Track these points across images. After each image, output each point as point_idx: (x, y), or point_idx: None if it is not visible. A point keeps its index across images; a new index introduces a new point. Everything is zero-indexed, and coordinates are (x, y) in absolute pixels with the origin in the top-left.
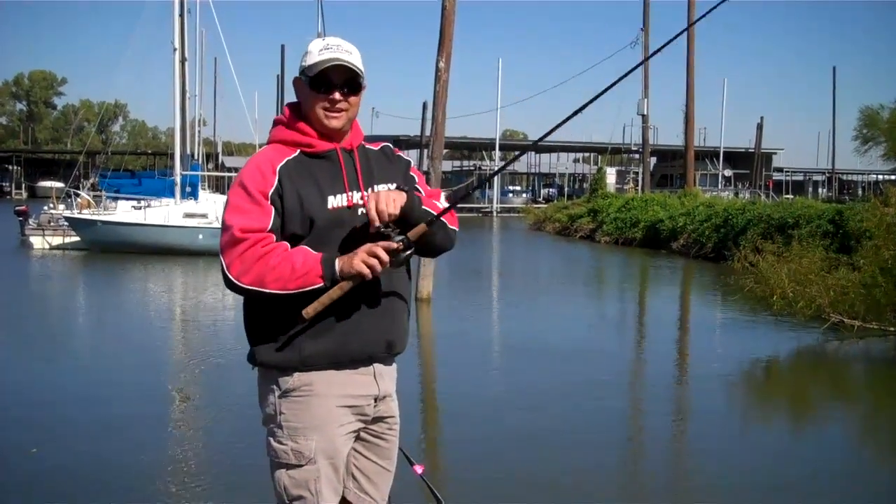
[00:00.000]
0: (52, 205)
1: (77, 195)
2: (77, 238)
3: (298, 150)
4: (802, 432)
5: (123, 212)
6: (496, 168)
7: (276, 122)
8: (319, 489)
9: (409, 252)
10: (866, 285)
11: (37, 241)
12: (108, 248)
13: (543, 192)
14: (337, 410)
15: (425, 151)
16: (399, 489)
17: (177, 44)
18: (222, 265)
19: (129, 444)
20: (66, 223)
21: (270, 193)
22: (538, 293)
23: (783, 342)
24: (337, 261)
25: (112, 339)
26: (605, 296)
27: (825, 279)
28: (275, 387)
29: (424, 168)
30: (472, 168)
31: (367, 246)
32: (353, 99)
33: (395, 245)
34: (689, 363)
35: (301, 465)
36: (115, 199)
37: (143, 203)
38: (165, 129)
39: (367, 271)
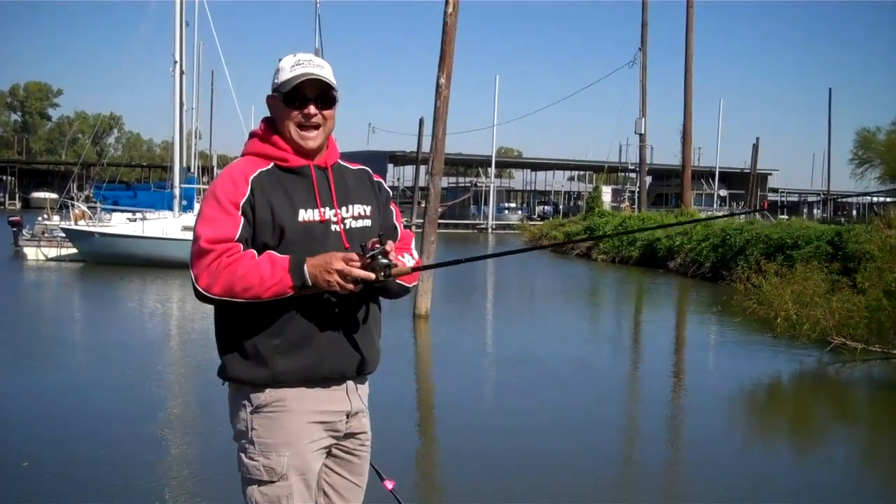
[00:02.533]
0: (46, 216)
1: (73, 206)
2: (73, 249)
3: (272, 164)
4: (804, 454)
5: (120, 224)
6: (491, 185)
7: (251, 135)
8: None
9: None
10: (871, 308)
11: (31, 252)
12: (104, 261)
13: (538, 209)
14: (308, 426)
15: (422, 167)
16: None
17: (177, 56)
18: (192, 277)
19: (124, 457)
20: (61, 234)
21: (242, 203)
22: (535, 310)
23: (784, 364)
24: (307, 266)
25: (109, 351)
26: (602, 314)
27: (829, 301)
28: (246, 402)
29: (423, 184)
30: (468, 185)
31: (346, 267)
32: (327, 112)
33: (372, 277)
34: (688, 382)
35: (273, 482)
36: (111, 210)
37: (138, 215)
38: (160, 141)
39: (337, 290)
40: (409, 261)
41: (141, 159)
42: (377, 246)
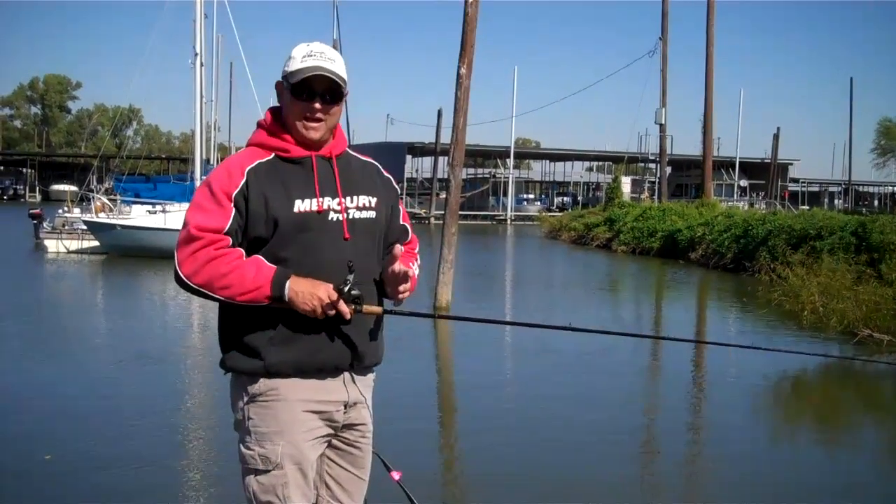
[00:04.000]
0: (66, 208)
1: (94, 198)
2: (94, 242)
3: (273, 154)
4: (831, 448)
5: (140, 216)
6: (510, 176)
7: (258, 125)
8: (288, 495)
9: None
10: None
11: (51, 245)
12: (126, 253)
13: (557, 200)
14: (303, 415)
15: (441, 158)
16: (377, 495)
17: (198, 48)
18: (175, 261)
19: (139, 448)
20: (82, 227)
21: (234, 194)
22: (555, 301)
23: (811, 357)
24: (290, 283)
25: (131, 343)
26: (623, 305)
27: (857, 294)
28: (243, 392)
29: (441, 175)
30: (486, 175)
31: (328, 300)
32: (334, 109)
33: (348, 312)
34: (710, 375)
35: (269, 471)
36: (131, 203)
37: (158, 207)
38: (179, 133)
39: (312, 315)
40: (415, 270)
41: (160, 152)
42: (350, 279)
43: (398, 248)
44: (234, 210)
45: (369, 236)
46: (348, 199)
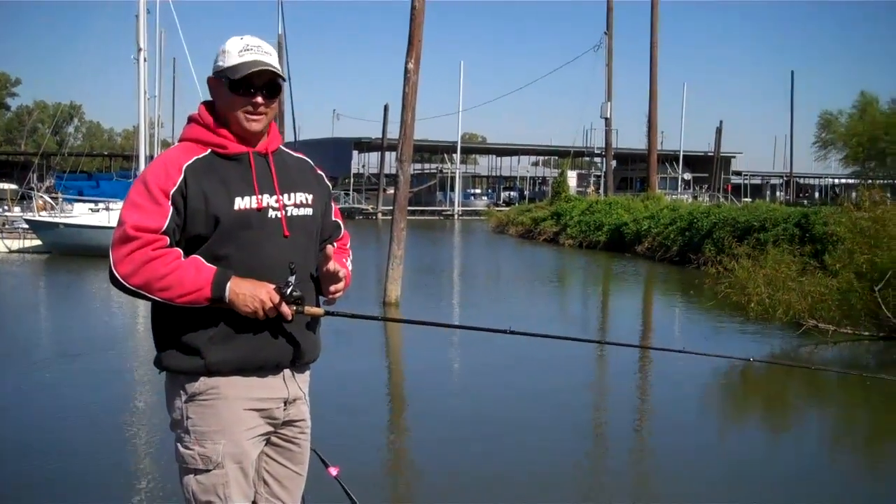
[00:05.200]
0: (7, 207)
1: (35, 197)
2: (36, 241)
3: (209, 150)
4: (777, 437)
5: (83, 214)
6: (457, 171)
7: (189, 120)
8: (228, 494)
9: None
10: (843, 290)
11: None
12: (70, 252)
13: (504, 195)
14: (244, 413)
15: (388, 154)
16: (315, 491)
17: (142, 43)
18: (110, 261)
19: (82, 452)
20: (23, 226)
21: (172, 192)
22: (504, 296)
23: (757, 347)
24: (230, 284)
25: (76, 345)
26: (571, 298)
27: (802, 285)
28: (181, 391)
29: (388, 170)
30: (434, 171)
31: (270, 302)
32: (273, 103)
33: (290, 314)
34: (659, 367)
35: (209, 470)
36: (72, 201)
37: (100, 205)
38: (121, 130)
39: (253, 316)
40: (349, 266)
41: (102, 149)
42: (291, 280)
43: (329, 248)
44: (171, 209)
45: (307, 233)
46: (286, 196)
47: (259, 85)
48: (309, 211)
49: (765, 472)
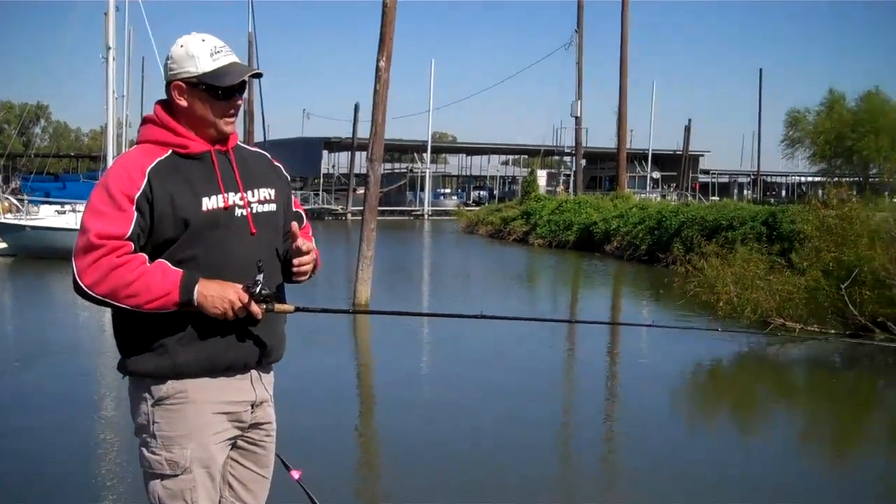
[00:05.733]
0: None
1: (2, 199)
2: (1, 244)
3: (170, 151)
4: (745, 435)
5: (49, 216)
6: (427, 170)
7: (146, 121)
8: (196, 499)
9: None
10: (810, 289)
11: None
12: (36, 254)
13: (473, 194)
14: (212, 417)
15: (357, 153)
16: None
17: (111, 42)
18: (74, 271)
19: (44, 455)
20: None
21: (137, 197)
22: (474, 296)
23: (725, 346)
24: (198, 287)
25: (43, 348)
26: (541, 298)
27: (770, 284)
28: (147, 395)
29: (358, 170)
30: (403, 170)
31: (241, 301)
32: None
33: (259, 312)
34: (627, 366)
35: (176, 475)
36: (38, 202)
37: (67, 207)
38: (88, 130)
39: (222, 318)
40: (313, 245)
41: (69, 149)
42: (259, 279)
43: (294, 225)
44: (136, 214)
45: (273, 229)
46: (249, 192)
47: (237, 88)
48: (273, 207)
49: (730, 472)
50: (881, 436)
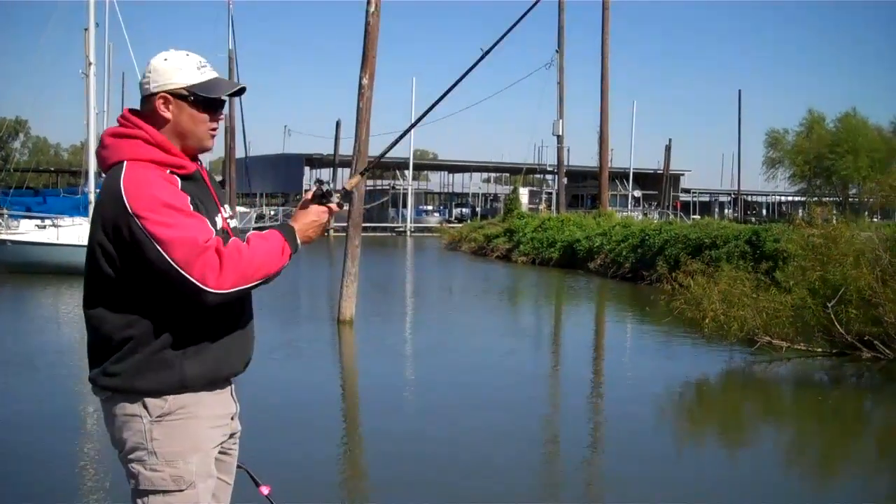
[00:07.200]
0: None
1: None
2: None
3: (168, 171)
4: (732, 453)
5: (30, 231)
6: (409, 187)
7: (132, 137)
8: None
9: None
10: (796, 307)
11: None
12: (16, 269)
13: (456, 211)
14: (211, 431)
15: (339, 170)
16: None
17: (91, 57)
18: (190, 282)
19: (25, 470)
20: None
21: (190, 201)
22: (458, 313)
23: (712, 364)
24: (297, 229)
25: (26, 361)
26: (525, 316)
27: (757, 302)
28: (143, 413)
29: (339, 187)
30: (386, 187)
31: (322, 219)
32: None
33: (336, 208)
34: (614, 384)
35: (181, 490)
36: (19, 217)
37: (47, 222)
38: (68, 146)
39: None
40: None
41: (48, 164)
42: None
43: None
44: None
45: None
46: (223, 209)
47: (220, 103)
48: (236, 221)
49: (717, 489)
50: (868, 453)
